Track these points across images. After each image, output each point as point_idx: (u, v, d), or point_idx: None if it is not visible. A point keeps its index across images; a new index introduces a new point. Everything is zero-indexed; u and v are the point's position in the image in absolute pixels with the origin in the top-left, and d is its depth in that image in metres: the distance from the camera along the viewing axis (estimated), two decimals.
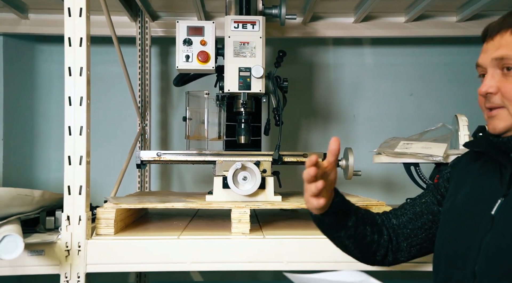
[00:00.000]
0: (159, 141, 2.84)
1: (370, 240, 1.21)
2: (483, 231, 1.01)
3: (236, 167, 1.66)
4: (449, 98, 2.83)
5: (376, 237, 1.22)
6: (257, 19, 1.83)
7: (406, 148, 1.65)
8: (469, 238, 1.05)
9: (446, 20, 2.58)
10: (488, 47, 1.06)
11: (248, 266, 1.49)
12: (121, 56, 2.09)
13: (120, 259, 1.47)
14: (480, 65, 1.08)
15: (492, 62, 1.04)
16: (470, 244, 1.03)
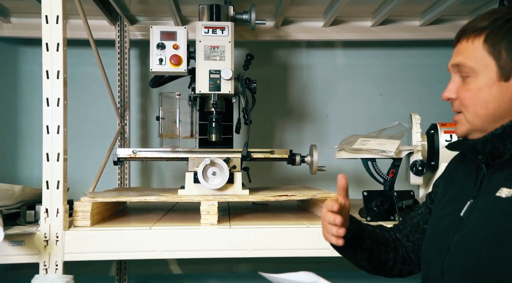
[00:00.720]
0: (139, 140, 2.95)
1: (385, 259, 1.26)
2: (453, 232, 1.06)
3: (205, 163, 1.78)
4: (415, 98, 2.97)
5: (392, 255, 1.26)
6: (226, 24, 1.95)
7: (363, 145, 1.79)
8: (442, 238, 1.09)
9: (410, 24, 2.73)
10: (453, 52, 1.11)
11: (216, 254, 1.61)
12: (99, 58, 2.20)
13: (95, 249, 1.59)
14: (448, 69, 1.13)
15: (452, 68, 1.10)
16: (443, 244, 1.08)
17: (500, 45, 1.02)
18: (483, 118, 1.05)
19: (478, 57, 1.05)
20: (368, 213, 1.71)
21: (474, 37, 1.06)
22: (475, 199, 1.06)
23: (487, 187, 1.05)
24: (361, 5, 2.49)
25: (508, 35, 1.02)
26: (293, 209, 2.20)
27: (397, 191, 1.78)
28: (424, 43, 2.89)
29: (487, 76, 1.04)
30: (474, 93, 1.05)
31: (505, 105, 1.03)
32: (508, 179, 1.01)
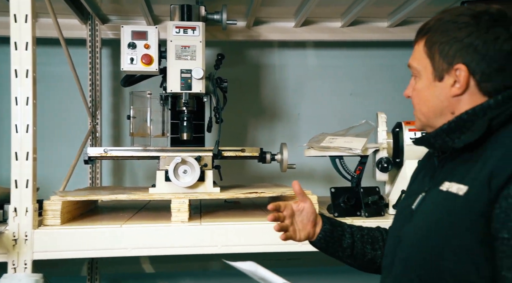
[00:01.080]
0: (111, 139, 2.94)
1: (372, 257, 1.30)
2: (405, 223, 1.12)
3: (176, 161, 1.80)
4: (384, 97, 3.04)
5: (380, 253, 1.30)
6: (197, 24, 1.97)
7: (331, 143, 1.83)
8: (396, 230, 1.15)
9: (378, 25, 2.79)
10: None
11: (186, 251, 1.63)
12: (70, 57, 2.19)
13: (65, 247, 1.59)
14: None
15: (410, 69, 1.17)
16: (396, 235, 1.13)
17: (435, 47, 1.07)
18: (426, 115, 1.12)
19: (419, 59, 1.11)
20: (336, 209, 1.76)
21: (420, 39, 1.12)
22: (426, 193, 1.11)
23: (436, 181, 1.10)
24: (331, 6, 2.55)
25: (442, 38, 1.06)
26: (264, 206, 2.23)
27: (363, 188, 1.84)
28: (392, 43, 2.96)
29: (426, 77, 1.10)
30: (417, 93, 1.13)
31: (442, 103, 1.09)
32: (451, 173, 1.06)
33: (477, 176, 0.96)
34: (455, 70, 1.05)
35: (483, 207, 0.93)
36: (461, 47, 1.04)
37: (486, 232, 0.93)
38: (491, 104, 1.03)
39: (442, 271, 0.98)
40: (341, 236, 1.30)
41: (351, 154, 1.79)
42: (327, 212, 1.84)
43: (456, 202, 0.98)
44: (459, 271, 0.95)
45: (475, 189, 0.95)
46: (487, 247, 0.93)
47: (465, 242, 0.95)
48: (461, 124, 1.06)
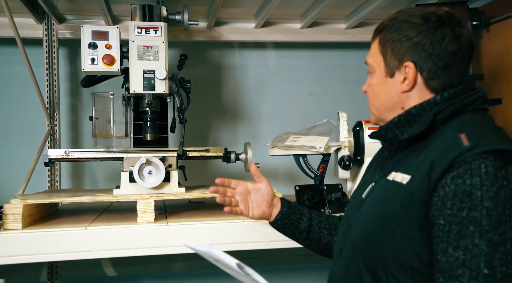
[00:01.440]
0: (69, 141, 2.87)
1: (328, 241, 1.39)
2: (355, 211, 1.19)
3: (141, 162, 1.79)
4: (342, 96, 3.12)
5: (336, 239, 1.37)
6: (160, 25, 1.97)
7: (294, 141, 1.87)
8: (347, 218, 1.23)
9: (336, 27, 2.86)
10: None
11: (153, 251, 1.63)
12: (26, 58, 2.14)
13: (28, 251, 1.56)
14: None
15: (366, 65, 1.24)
16: (346, 223, 1.22)
17: (387, 45, 1.14)
18: (378, 109, 1.20)
19: (374, 56, 1.18)
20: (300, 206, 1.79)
21: (375, 37, 1.18)
22: (376, 182, 1.18)
23: (385, 171, 1.16)
24: (290, 8, 2.59)
25: (394, 36, 1.12)
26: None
27: (326, 185, 1.88)
28: (349, 45, 3.04)
29: (379, 73, 1.17)
30: (372, 88, 1.21)
31: (393, 98, 1.16)
32: (398, 164, 1.12)
33: (420, 166, 1.03)
34: (405, 67, 1.12)
35: (423, 196, 0.99)
36: (411, 45, 1.10)
37: (425, 219, 0.99)
38: (437, 100, 1.10)
39: (384, 256, 1.03)
40: (299, 219, 1.40)
41: (314, 152, 1.84)
42: None
43: (399, 190, 1.04)
44: (400, 256, 1.01)
45: (417, 178, 1.02)
46: (426, 234, 0.99)
47: (406, 229, 1.01)
48: (410, 118, 1.13)
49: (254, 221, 1.70)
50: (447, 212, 0.95)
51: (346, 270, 1.14)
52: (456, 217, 0.94)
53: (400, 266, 1.01)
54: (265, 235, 1.67)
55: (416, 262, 1.00)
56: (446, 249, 0.95)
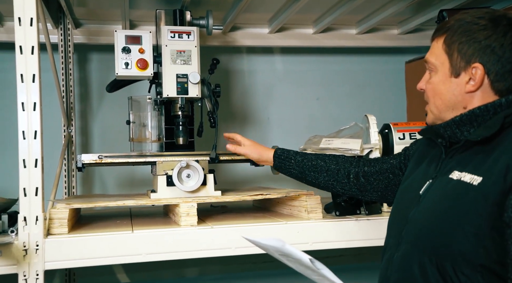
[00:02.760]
0: (80, 147, 2.85)
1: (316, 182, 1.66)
2: (412, 207, 1.22)
3: (181, 165, 1.80)
4: (349, 101, 3.19)
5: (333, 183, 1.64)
6: (192, 29, 1.99)
7: (329, 144, 1.91)
8: (403, 212, 1.25)
9: (348, 32, 2.93)
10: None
11: (200, 254, 1.64)
12: (54, 63, 2.12)
13: (77, 255, 1.55)
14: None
15: (425, 64, 1.28)
16: (403, 217, 1.24)
17: (454, 45, 1.18)
18: (439, 108, 1.23)
19: (437, 55, 1.22)
20: (336, 208, 1.84)
21: (439, 36, 1.23)
22: (433, 179, 1.21)
23: (444, 169, 1.19)
24: (305, 13, 2.64)
25: (461, 37, 1.17)
26: (252, 209, 2.28)
27: None
28: (357, 50, 3.11)
29: (442, 72, 1.21)
30: (433, 86, 1.24)
31: (456, 98, 1.20)
32: (461, 163, 1.15)
33: (491, 168, 1.05)
34: (472, 68, 1.16)
35: (497, 197, 1.01)
36: (479, 47, 1.15)
37: (497, 220, 1.01)
38: (503, 102, 1.14)
39: (453, 253, 1.06)
40: (290, 170, 1.72)
41: (350, 154, 1.88)
42: (325, 212, 1.91)
43: (470, 191, 1.07)
44: (470, 254, 1.04)
45: (490, 180, 1.04)
46: (497, 233, 1.02)
47: (477, 228, 1.03)
48: (473, 118, 1.17)
49: (297, 222, 1.74)
50: None
51: (405, 264, 1.16)
52: None
53: (470, 263, 1.04)
54: (309, 236, 1.71)
55: (486, 260, 1.02)
56: None
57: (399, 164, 1.52)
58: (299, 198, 1.84)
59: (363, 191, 1.59)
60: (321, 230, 1.72)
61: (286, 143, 2.23)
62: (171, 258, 1.63)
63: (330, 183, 1.64)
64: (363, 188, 1.59)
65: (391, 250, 1.25)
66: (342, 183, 1.62)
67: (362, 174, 1.58)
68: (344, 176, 1.61)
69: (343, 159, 1.65)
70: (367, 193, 1.60)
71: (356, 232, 1.74)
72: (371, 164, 1.59)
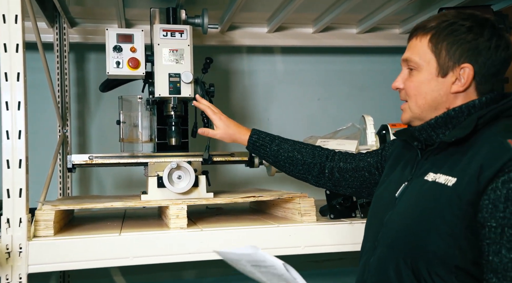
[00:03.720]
0: (77, 147, 2.82)
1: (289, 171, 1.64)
2: (388, 209, 1.22)
3: (171, 167, 1.76)
4: (349, 101, 3.14)
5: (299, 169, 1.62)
6: (185, 28, 1.95)
7: (324, 145, 1.86)
8: (379, 215, 1.25)
9: (348, 32, 2.88)
10: (406, 48, 1.25)
11: (188, 257, 1.60)
12: (45, 63, 2.09)
13: (62, 258, 1.51)
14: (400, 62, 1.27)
15: (402, 62, 1.25)
16: (379, 220, 1.24)
17: (441, 44, 1.16)
18: (421, 107, 1.21)
19: (422, 54, 1.19)
20: (331, 210, 1.79)
21: (422, 35, 1.20)
22: (409, 182, 1.21)
23: (419, 171, 1.19)
24: (304, 12, 2.59)
25: (449, 37, 1.15)
26: (248, 211, 2.24)
27: None
28: (358, 50, 3.06)
29: (428, 71, 1.19)
30: (417, 85, 1.21)
31: (441, 98, 1.18)
32: (436, 165, 1.15)
33: (466, 169, 1.06)
34: (461, 68, 1.15)
35: (471, 197, 1.03)
36: (468, 48, 1.14)
37: (472, 220, 1.03)
38: (476, 103, 1.14)
39: (428, 255, 1.06)
40: (265, 157, 1.70)
41: None
42: (320, 214, 1.86)
43: (445, 192, 1.07)
44: (445, 255, 1.04)
45: (464, 180, 1.05)
46: (472, 234, 1.03)
47: (453, 229, 1.04)
48: (448, 120, 1.17)
49: (290, 225, 1.69)
50: (500, 215, 0.99)
51: (381, 268, 1.16)
52: (509, 219, 0.99)
53: (444, 264, 1.04)
54: (302, 239, 1.66)
55: (461, 261, 1.03)
56: (499, 250, 0.99)
57: (376, 163, 1.52)
58: (293, 200, 1.80)
59: (337, 186, 1.60)
60: (314, 233, 1.67)
61: None
62: (159, 261, 1.59)
63: (304, 176, 1.64)
64: (337, 184, 1.59)
65: (367, 254, 1.25)
66: (317, 177, 1.61)
67: (337, 169, 1.57)
68: (320, 170, 1.60)
69: (320, 153, 1.62)
70: (341, 188, 1.60)
71: (350, 236, 1.69)
72: (347, 161, 1.58)
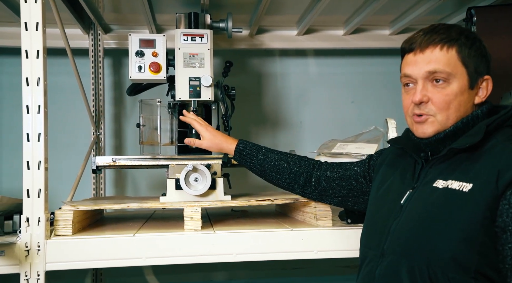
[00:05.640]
0: (113, 149, 2.92)
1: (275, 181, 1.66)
2: (394, 217, 1.20)
3: (187, 169, 1.78)
4: (385, 103, 3.06)
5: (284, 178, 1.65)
6: (205, 32, 1.97)
7: (342, 149, 1.83)
8: (382, 223, 1.24)
9: (380, 33, 2.82)
10: (418, 60, 1.20)
11: (201, 259, 1.61)
12: (75, 68, 2.18)
13: (78, 257, 1.56)
14: (410, 75, 1.22)
15: (424, 74, 1.19)
16: (383, 228, 1.21)
17: (470, 56, 1.19)
18: (451, 118, 1.20)
19: (453, 66, 1.18)
20: (349, 215, 1.75)
21: (448, 47, 1.18)
22: (414, 189, 1.20)
23: (425, 179, 1.19)
24: (333, 14, 2.56)
25: (472, 50, 1.19)
26: (272, 215, 2.23)
27: None
28: (393, 51, 2.97)
29: (460, 83, 1.19)
30: (449, 98, 1.19)
31: (466, 109, 1.20)
32: (443, 172, 1.16)
33: (481, 174, 1.07)
34: (484, 80, 1.21)
35: (490, 202, 1.03)
36: (485, 61, 1.21)
37: (490, 225, 1.03)
38: (479, 114, 1.19)
39: (446, 260, 1.05)
40: (256, 153, 1.70)
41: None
42: (340, 219, 1.82)
43: (460, 197, 1.07)
44: (463, 260, 1.04)
45: (481, 186, 1.05)
46: (489, 238, 1.03)
47: (470, 233, 1.04)
48: (456, 132, 1.19)
49: (303, 229, 1.67)
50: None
51: (392, 276, 1.15)
52: None
53: (462, 269, 1.04)
54: (315, 244, 1.63)
55: (479, 265, 1.03)
56: None
57: (363, 172, 1.52)
58: (309, 204, 1.77)
59: (324, 195, 1.61)
60: (327, 238, 1.64)
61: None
62: (171, 262, 1.61)
63: (291, 185, 1.66)
64: (324, 193, 1.60)
65: (372, 262, 1.23)
66: (303, 186, 1.63)
67: (324, 178, 1.59)
68: (306, 179, 1.62)
69: (306, 162, 1.65)
70: (327, 198, 1.61)
71: None
72: (334, 169, 1.59)
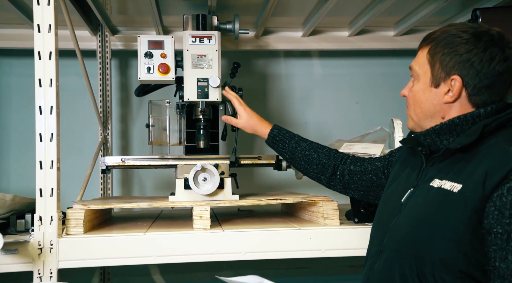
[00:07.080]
0: (120, 149, 2.94)
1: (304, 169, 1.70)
2: (394, 215, 1.24)
3: (196, 169, 1.81)
4: (389, 105, 3.07)
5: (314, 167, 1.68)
6: (213, 33, 2.00)
7: (349, 149, 1.85)
8: (384, 220, 1.27)
9: (385, 34, 2.84)
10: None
11: (210, 258, 1.64)
12: (84, 69, 2.20)
13: (90, 255, 1.59)
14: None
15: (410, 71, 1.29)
16: (385, 225, 1.25)
17: (437, 56, 1.20)
18: (418, 115, 1.26)
19: (421, 64, 1.24)
20: (356, 215, 1.78)
21: (424, 46, 1.25)
22: (414, 188, 1.23)
23: (425, 178, 1.21)
24: (339, 16, 2.58)
25: (444, 49, 1.19)
26: (278, 214, 2.25)
27: None
28: (398, 52, 3.00)
29: (424, 81, 1.23)
30: (414, 94, 1.27)
31: (434, 107, 1.22)
32: (441, 171, 1.17)
33: (471, 175, 1.08)
34: (451, 80, 1.18)
35: (477, 204, 1.04)
36: (460, 60, 1.17)
37: (477, 226, 1.05)
38: (481, 113, 1.17)
39: (433, 260, 1.08)
40: (282, 153, 1.76)
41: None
42: (346, 218, 1.85)
43: (450, 198, 1.09)
44: (450, 260, 1.06)
45: (469, 187, 1.07)
46: (477, 239, 1.05)
47: (458, 234, 1.06)
48: (452, 128, 1.19)
49: (310, 228, 1.70)
50: (506, 222, 1.01)
51: (387, 272, 1.18)
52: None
53: (449, 269, 1.06)
54: (322, 243, 1.66)
55: (466, 266, 1.05)
56: (505, 256, 1.01)
57: (383, 168, 1.55)
58: (316, 203, 1.80)
59: (347, 188, 1.63)
60: (335, 237, 1.67)
61: None
62: (181, 261, 1.63)
63: (318, 176, 1.69)
64: (347, 186, 1.62)
65: (372, 258, 1.26)
66: (330, 178, 1.66)
67: (347, 171, 1.61)
68: (333, 172, 1.65)
69: (335, 155, 1.68)
70: (350, 191, 1.63)
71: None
72: (357, 163, 1.62)
